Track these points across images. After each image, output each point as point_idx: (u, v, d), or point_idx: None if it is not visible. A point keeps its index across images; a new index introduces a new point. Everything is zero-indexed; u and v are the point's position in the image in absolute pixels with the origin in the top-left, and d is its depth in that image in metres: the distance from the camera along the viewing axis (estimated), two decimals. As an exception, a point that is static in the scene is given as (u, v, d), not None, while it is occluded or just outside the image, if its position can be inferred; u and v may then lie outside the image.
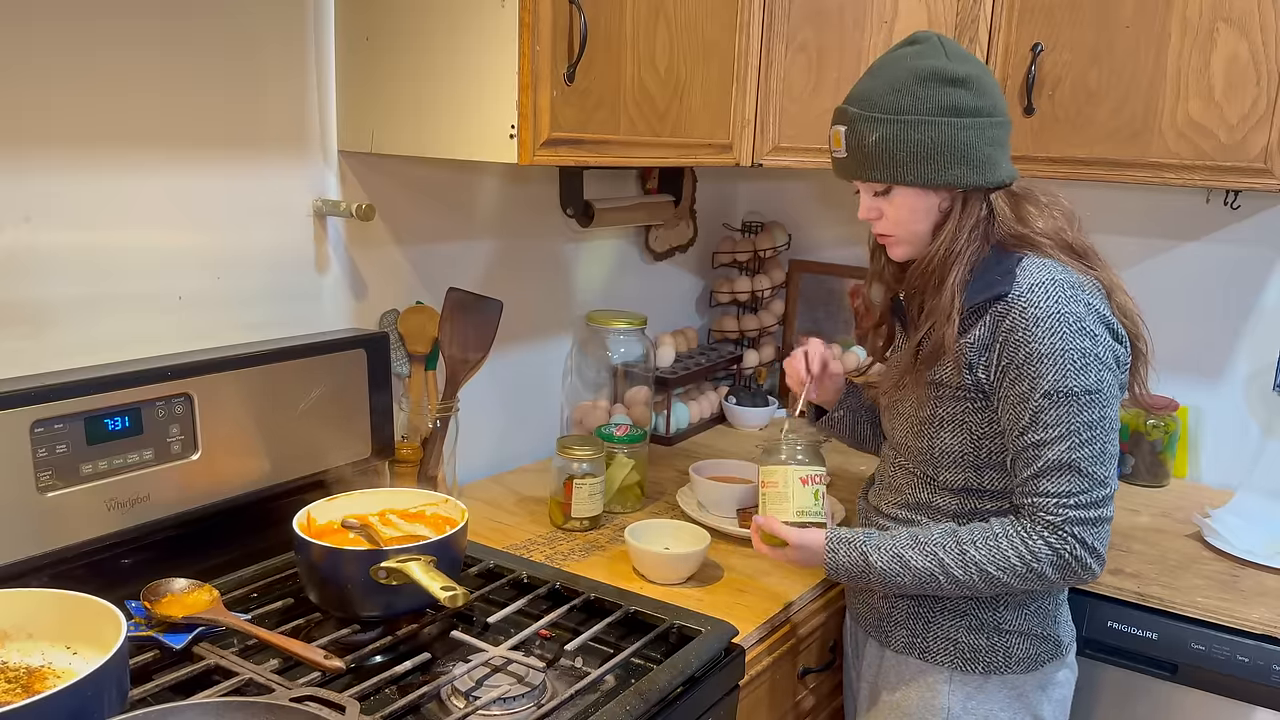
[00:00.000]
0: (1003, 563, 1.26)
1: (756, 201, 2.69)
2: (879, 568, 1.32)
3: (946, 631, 1.38)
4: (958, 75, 1.25)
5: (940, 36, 1.30)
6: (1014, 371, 1.26)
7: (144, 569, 1.29)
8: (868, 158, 1.29)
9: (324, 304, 1.62)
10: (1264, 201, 2.01)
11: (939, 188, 1.29)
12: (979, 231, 1.30)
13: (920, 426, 1.37)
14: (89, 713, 0.94)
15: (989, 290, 1.28)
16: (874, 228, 1.37)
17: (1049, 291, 1.25)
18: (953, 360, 1.30)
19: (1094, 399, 1.23)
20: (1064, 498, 1.24)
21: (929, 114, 1.25)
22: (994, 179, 1.28)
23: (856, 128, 1.30)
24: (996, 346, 1.27)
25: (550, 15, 1.33)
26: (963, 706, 1.38)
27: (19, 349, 1.25)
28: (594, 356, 2.10)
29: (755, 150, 1.82)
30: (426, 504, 1.45)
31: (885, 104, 1.27)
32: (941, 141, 1.26)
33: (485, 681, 1.18)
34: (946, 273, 1.30)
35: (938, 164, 1.27)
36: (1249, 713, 1.55)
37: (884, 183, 1.30)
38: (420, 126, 1.46)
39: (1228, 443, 2.11)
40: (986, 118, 1.27)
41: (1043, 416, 1.24)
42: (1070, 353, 1.23)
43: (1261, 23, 1.63)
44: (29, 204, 1.23)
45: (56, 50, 1.23)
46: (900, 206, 1.31)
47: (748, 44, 1.75)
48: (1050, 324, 1.23)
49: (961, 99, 1.25)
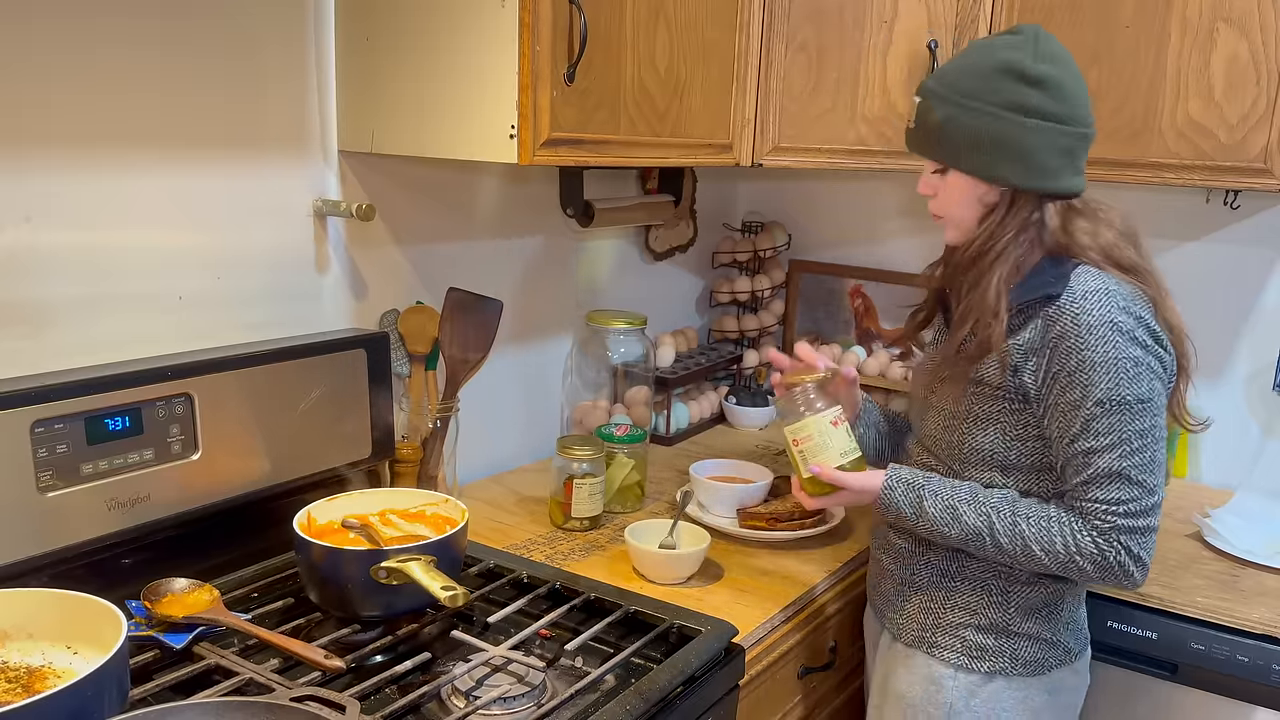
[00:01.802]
0: (1047, 544, 1.27)
1: (756, 201, 2.69)
2: (931, 514, 1.32)
3: (955, 629, 1.39)
4: (1036, 75, 1.24)
5: (1041, 32, 1.28)
6: (1065, 378, 1.25)
7: (144, 569, 1.29)
8: (929, 135, 1.31)
9: (324, 304, 1.62)
10: (1264, 201, 2.01)
11: (988, 181, 1.29)
12: (1027, 235, 1.29)
13: (953, 421, 1.37)
14: (89, 713, 0.94)
15: (1038, 291, 1.27)
16: (928, 206, 1.38)
17: (1101, 300, 1.24)
18: (998, 360, 1.29)
19: (1145, 408, 1.24)
20: (1113, 505, 1.24)
21: (994, 106, 1.25)
22: (1051, 186, 1.27)
23: (931, 102, 1.30)
24: (1046, 352, 1.26)
25: (550, 15, 1.33)
26: (965, 704, 1.38)
27: (19, 349, 1.25)
28: (594, 356, 2.10)
29: (755, 150, 1.82)
30: (426, 504, 1.45)
31: (958, 86, 1.27)
32: (999, 136, 1.25)
33: (485, 681, 1.19)
34: (986, 270, 1.29)
35: (991, 157, 1.26)
36: (1249, 713, 1.55)
37: (939, 163, 1.32)
38: (420, 126, 1.46)
39: (1228, 443, 2.11)
40: (1057, 124, 1.25)
41: (1094, 424, 1.24)
42: (1123, 361, 1.23)
43: (1261, 23, 1.63)
44: (29, 204, 1.23)
45: (57, 49, 1.23)
46: (951, 188, 1.32)
47: (748, 44, 1.75)
48: (1103, 332, 1.23)
49: (1032, 99, 1.24)
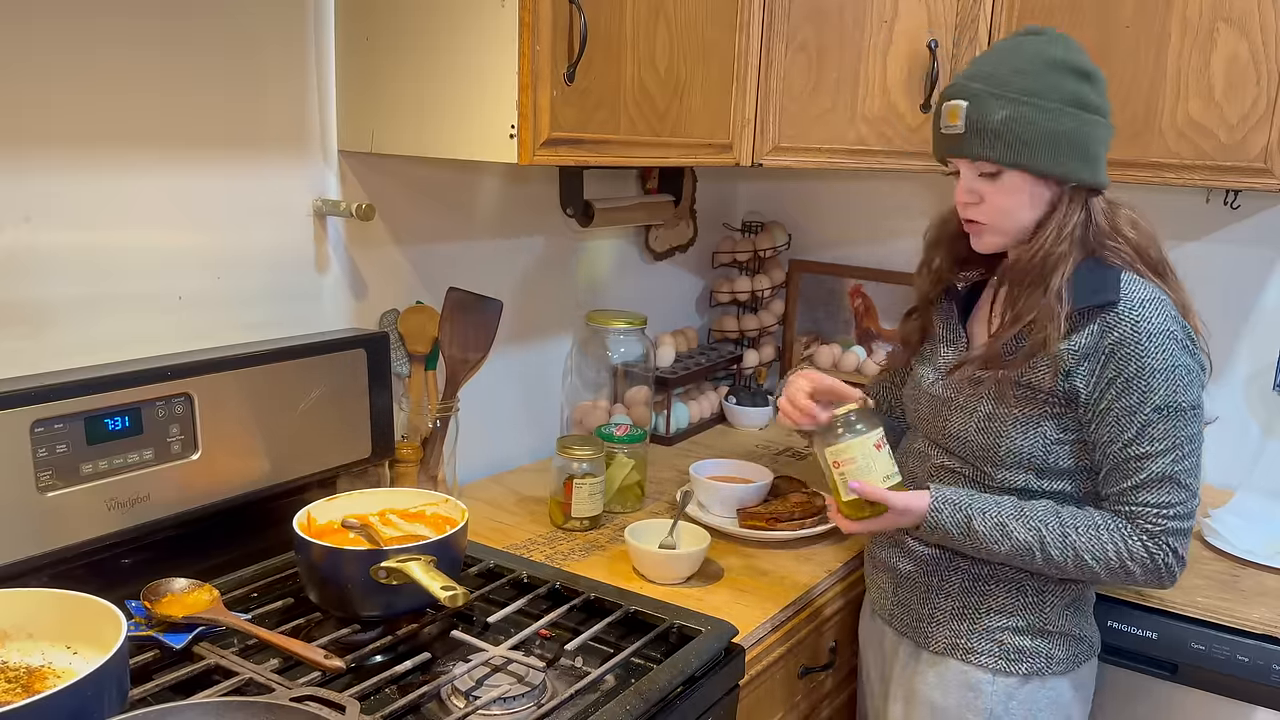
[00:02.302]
0: (1099, 553, 1.27)
1: (756, 201, 2.69)
2: (980, 533, 1.30)
3: (991, 633, 1.38)
4: (1086, 69, 1.27)
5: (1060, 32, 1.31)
6: (1122, 384, 1.25)
7: (144, 569, 1.29)
8: (989, 135, 1.26)
9: (324, 304, 1.62)
10: (1264, 201, 2.01)
11: (1054, 178, 1.28)
12: (1077, 235, 1.29)
13: (988, 424, 1.33)
14: (89, 712, 0.94)
15: (1096, 297, 1.26)
16: (965, 213, 1.34)
17: (1158, 308, 1.26)
18: (1050, 364, 1.28)
19: (1195, 414, 1.26)
20: (1164, 508, 1.25)
21: (1059, 101, 1.25)
22: (1099, 180, 1.30)
23: (981, 103, 1.26)
24: (1101, 357, 1.26)
25: (550, 15, 1.33)
26: (1005, 708, 1.37)
27: (19, 349, 1.25)
28: (594, 356, 2.10)
29: (755, 150, 1.82)
30: (426, 504, 1.45)
31: (1015, 84, 1.25)
32: (1066, 131, 1.25)
33: (485, 681, 1.19)
34: (1048, 273, 1.28)
35: (1059, 153, 1.25)
36: (1249, 713, 1.55)
37: (1000, 164, 1.27)
38: (420, 126, 1.46)
39: (1228, 443, 2.11)
40: (1103, 117, 1.29)
41: (1150, 430, 1.25)
42: (1180, 369, 1.24)
43: (1261, 23, 1.63)
44: (29, 204, 1.23)
45: (57, 49, 1.23)
46: (1008, 192, 1.29)
47: (748, 44, 1.75)
48: (1162, 339, 1.24)
49: (1086, 94, 1.26)
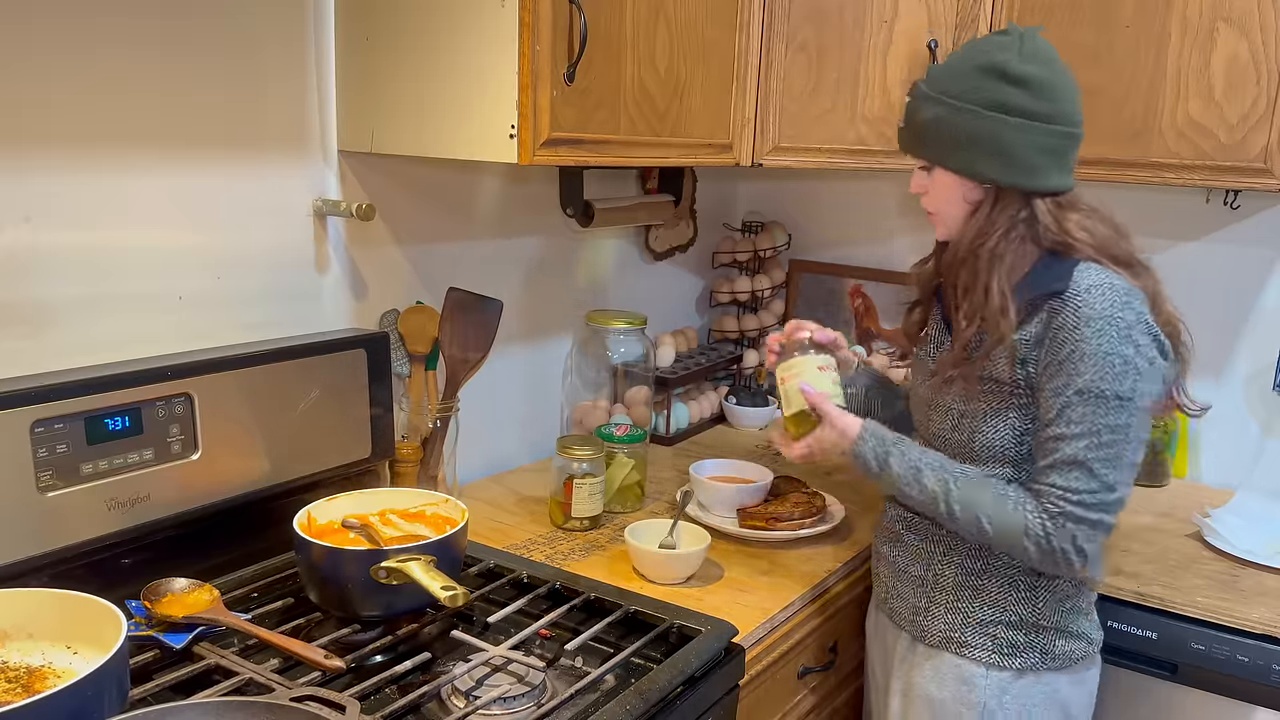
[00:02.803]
0: (995, 517, 1.29)
1: (756, 201, 2.69)
2: (895, 470, 1.35)
3: (985, 626, 1.38)
4: (1019, 74, 1.26)
5: (1029, 33, 1.30)
6: (1056, 366, 1.27)
7: (144, 569, 1.29)
8: (917, 134, 1.35)
9: (324, 304, 1.62)
10: (1264, 201, 2.01)
11: (971, 178, 1.31)
12: (1018, 233, 1.30)
13: (961, 420, 1.37)
14: (89, 712, 0.94)
15: (1044, 287, 1.29)
16: (921, 202, 1.40)
17: (1105, 294, 1.25)
18: (1007, 355, 1.30)
19: (1123, 405, 1.24)
20: (1068, 492, 1.25)
21: (976, 105, 1.28)
22: (1035, 184, 1.29)
23: (919, 102, 1.34)
24: (1047, 342, 1.28)
25: (550, 15, 1.33)
26: (998, 701, 1.38)
27: (19, 349, 1.25)
28: (594, 356, 2.10)
29: (755, 150, 1.82)
30: (426, 504, 1.45)
31: (944, 86, 1.31)
32: (981, 134, 1.28)
33: (485, 681, 1.19)
34: (983, 269, 1.30)
35: (973, 155, 1.29)
36: (1249, 713, 1.55)
37: (926, 161, 1.35)
38: (420, 126, 1.46)
39: (1228, 443, 2.11)
40: (1041, 123, 1.27)
41: (1069, 412, 1.25)
42: (1112, 357, 1.24)
43: (1261, 23, 1.63)
44: (29, 204, 1.23)
45: (56, 49, 1.23)
46: (939, 186, 1.35)
47: (748, 44, 1.75)
48: (1100, 325, 1.24)
49: (1014, 98, 1.26)
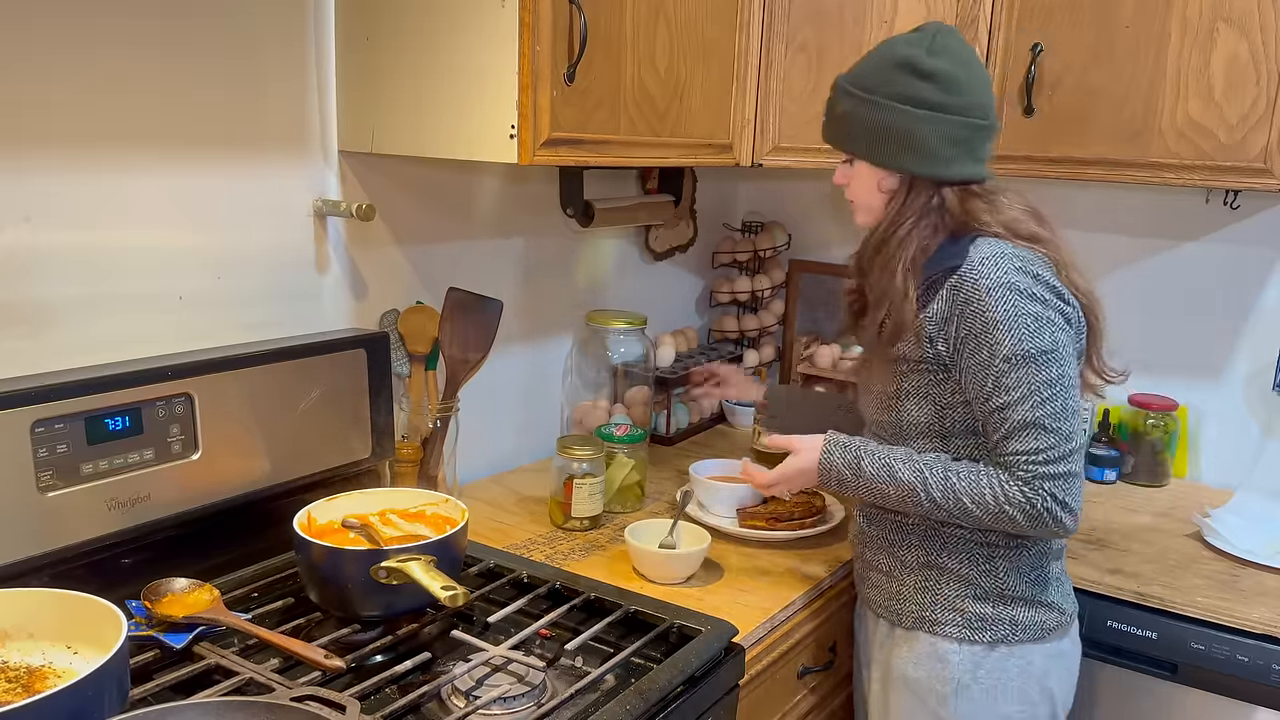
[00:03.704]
0: (977, 496, 1.31)
1: (756, 201, 2.69)
2: (869, 473, 1.38)
3: (952, 602, 1.40)
4: (927, 69, 1.31)
5: (941, 30, 1.34)
6: (972, 341, 1.30)
7: (144, 569, 1.29)
8: (836, 127, 1.41)
9: (324, 304, 1.62)
10: (1264, 201, 2.01)
11: (886, 168, 1.35)
12: (928, 221, 1.35)
13: (887, 400, 1.42)
14: (89, 712, 0.94)
15: (941, 264, 1.33)
16: (845, 193, 1.44)
17: (997, 263, 1.30)
18: (914, 335, 1.34)
19: (1050, 358, 1.28)
20: (1033, 454, 1.28)
21: (888, 99, 1.32)
22: (945, 174, 1.34)
23: (836, 96, 1.40)
24: (955, 319, 1.32)
25: (550, 15, 1.33)
26: (972, 676, 1.39)
27: (19, 349, 1.25)
28: (594, 356, 2.10)
29: (755, 150, 1.82)
30: (426, 504, 1.45)
31: (859, 80, 1.36)
32: (892, 127, 1.33)
33: (485, 681, 1.19)
34: (891, 255, 1.35)
35: (886, 147, 1.34)
36: (1249, 713, 1.55)
37: (846, 153, 1.41)
38: (420, 126, 1.46)
39: (1228, 443, 2.11)
40: (951, 115, 1.32)
41: (1003, 380, 1.29)
42: (1023, 317, 1.28)
43: (1261, 23, 1.63)
44: (29, 204, 1.23)
45: (57, 49, 1.23)
46: (858, 176, 1.40)
47: (748, 44, 1.75)
48: (1001, 292, 1.28)
49: (923, 92, 1.31)
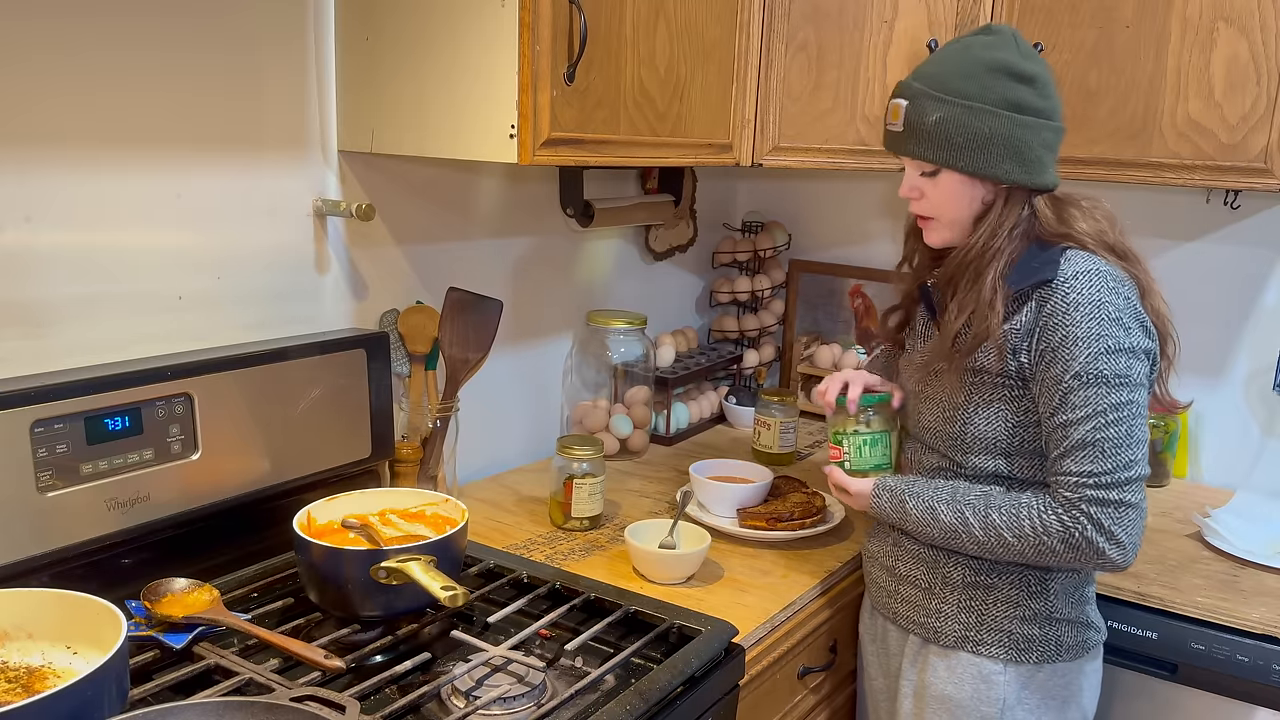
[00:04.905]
0: (1016, 529, 1.29)
1: (756, 201, 2.69)
2: (914, 516, 1.38)
3: (1000, 623, 1.38)
4: (1026, 72, 1.28)
5: (1014, 32, 1.32)
6: (1050, 354, 1.27)
7: (144, 569, 1.30)
8: (924, 136, 1.31)
9: (324, 304, 1.62)
10: (1264, 201, 2.01)
11: (986, 179, 1.31)
12: (1019, 230, 1.32)
13: (953, 412, 1.38)
14: (89, 713, 0.94)
15: (1033, 276, 1.29)
16: (912, 207, 1.39)
17: (1091, 280, 1.27)
18: (996, 347, 1.31)
19: (1123, 382, 1.25)
20: (1082, 477, 1.25)
21: (992, 104, 1.27)
22: (1040, 181, 1.31)
23: (919, 104, 1.31)
24: (1039, 332, 1.28)
25: (550, 15, 1.33)
26: (1017, 697, 1.38)
27: (19, 349, 1.25)
28: (594, 356, 2.10)
29: (755, 150, 1.82)
30: (426, 504, 1.45)
31: (951, 87, 1.29)
32: (998, 134, 1.28)
33: (485, 681, 1.19)
34: (984, 268, 1.31)
35: (990, 155, 1.28)
36: (1249, 713, 1.55)
37: (934, 164, 1.32)
38: (420, 126, 1.46)
39: (1228, 443, 2.11)
40: (1045, 120, 1.29)
41: (1071, 397, 1.26)
42: (1104, 338, 1.25)
43: (1261, 22, 1.63)
44: (29, 204, 1.23)
45: (56, 48, 1.23)
46: (944, 190, 1.33)
47: (748, 44, 1.75)
48: (1088, 309, 1.25)
49: (1025, 96, 1.28)
